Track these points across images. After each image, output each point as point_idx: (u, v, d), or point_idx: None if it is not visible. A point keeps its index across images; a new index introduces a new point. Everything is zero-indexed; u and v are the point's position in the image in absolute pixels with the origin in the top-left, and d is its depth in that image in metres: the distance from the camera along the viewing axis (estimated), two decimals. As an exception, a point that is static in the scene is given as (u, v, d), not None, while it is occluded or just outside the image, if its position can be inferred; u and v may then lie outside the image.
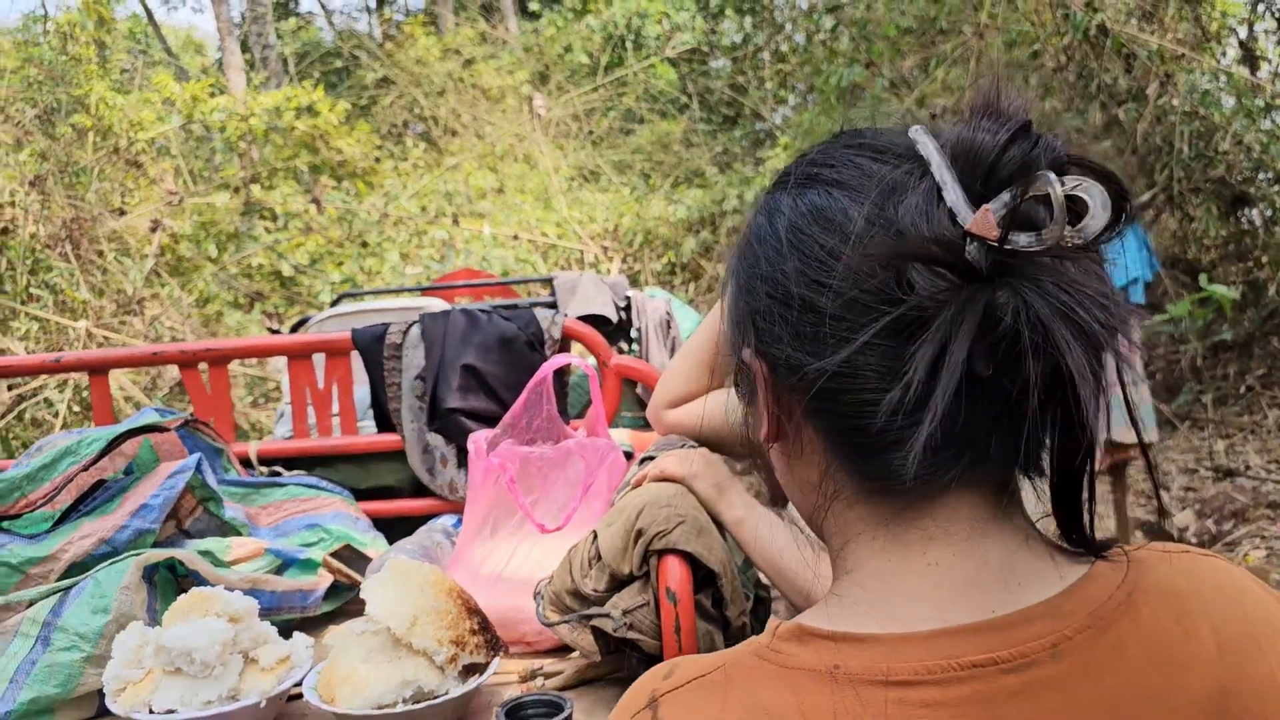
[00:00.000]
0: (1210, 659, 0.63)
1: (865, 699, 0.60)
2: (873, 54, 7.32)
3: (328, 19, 19.45)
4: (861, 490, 0.67)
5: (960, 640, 0.61)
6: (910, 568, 0.65)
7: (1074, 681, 0.60)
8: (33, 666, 1.51)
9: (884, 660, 0.61)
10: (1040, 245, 0.59)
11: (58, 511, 1.75)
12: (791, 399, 0.69)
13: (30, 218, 6.67)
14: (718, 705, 0.62)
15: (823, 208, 0.67)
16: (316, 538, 1.97)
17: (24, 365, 2.24)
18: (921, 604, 0.64)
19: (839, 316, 0.63)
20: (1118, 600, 0.64)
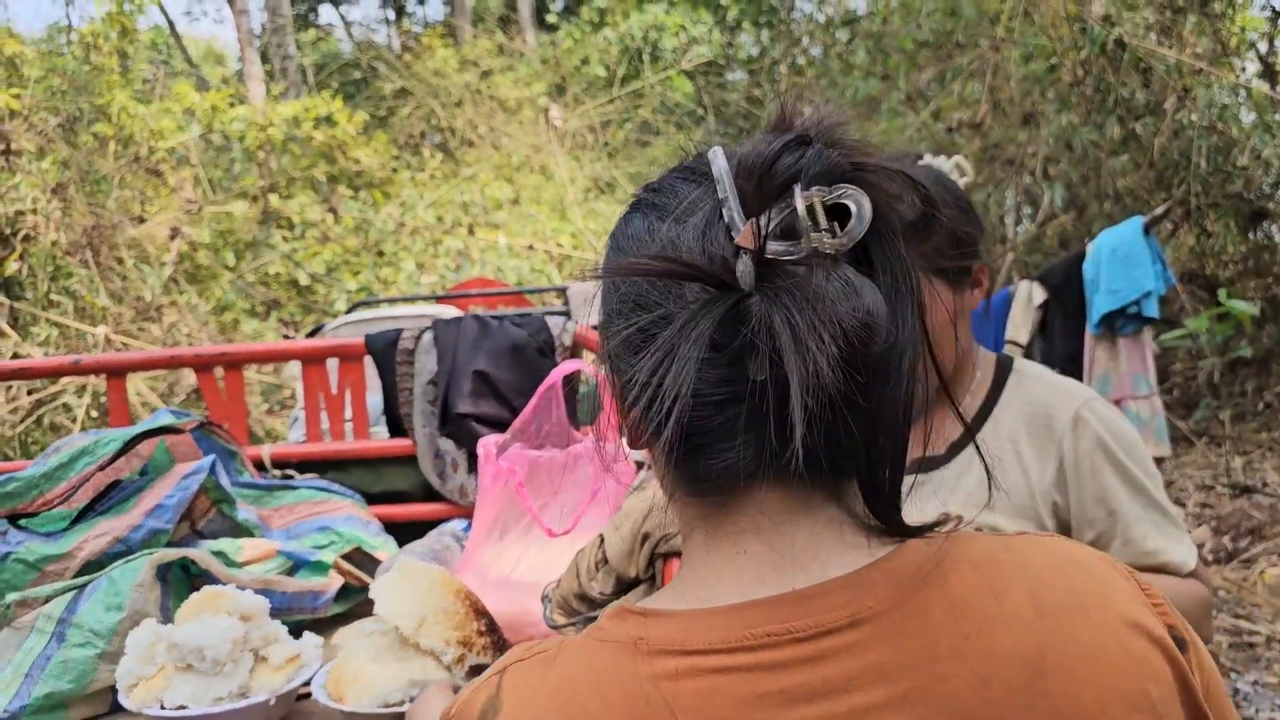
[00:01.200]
0: (1025, 620, 0.64)
1: (658, 665, 0.63)
2: (888, 67, 7.33)
3: (347, 30, 19.62)
4: (687, 491, 0.71)
5: (756, 612, 0.64)
6: (723, 557, 0.68)
7: (870, 646, 0.62)
8: (47, 662, 1.53)
9: (683, 632, 0.64)
10: (795, 254, 0.62)
11: (74, 510, 1.77)
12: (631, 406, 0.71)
13: (52, 225, 6.75)
14: (540, 677, 0.67)
15: (636, 232, 0.72)
16: (328, 540, 1.98)
17: (44, 368, 2.27)
18: (726, 585, 0.67)
19: (625, 316, 0.69)
20: (925, 570, 0.65)
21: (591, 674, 0.65)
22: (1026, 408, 1.42)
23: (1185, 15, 6.57)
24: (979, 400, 1.46)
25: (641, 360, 0.65)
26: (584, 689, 0.65)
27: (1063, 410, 1.39)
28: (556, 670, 0.67)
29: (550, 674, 0.67)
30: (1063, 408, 1.40)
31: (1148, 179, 6.77)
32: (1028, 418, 1.41)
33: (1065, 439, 1.38)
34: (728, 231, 0.65)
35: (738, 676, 0.62)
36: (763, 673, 0.62)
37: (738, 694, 0.62)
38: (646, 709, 0.62)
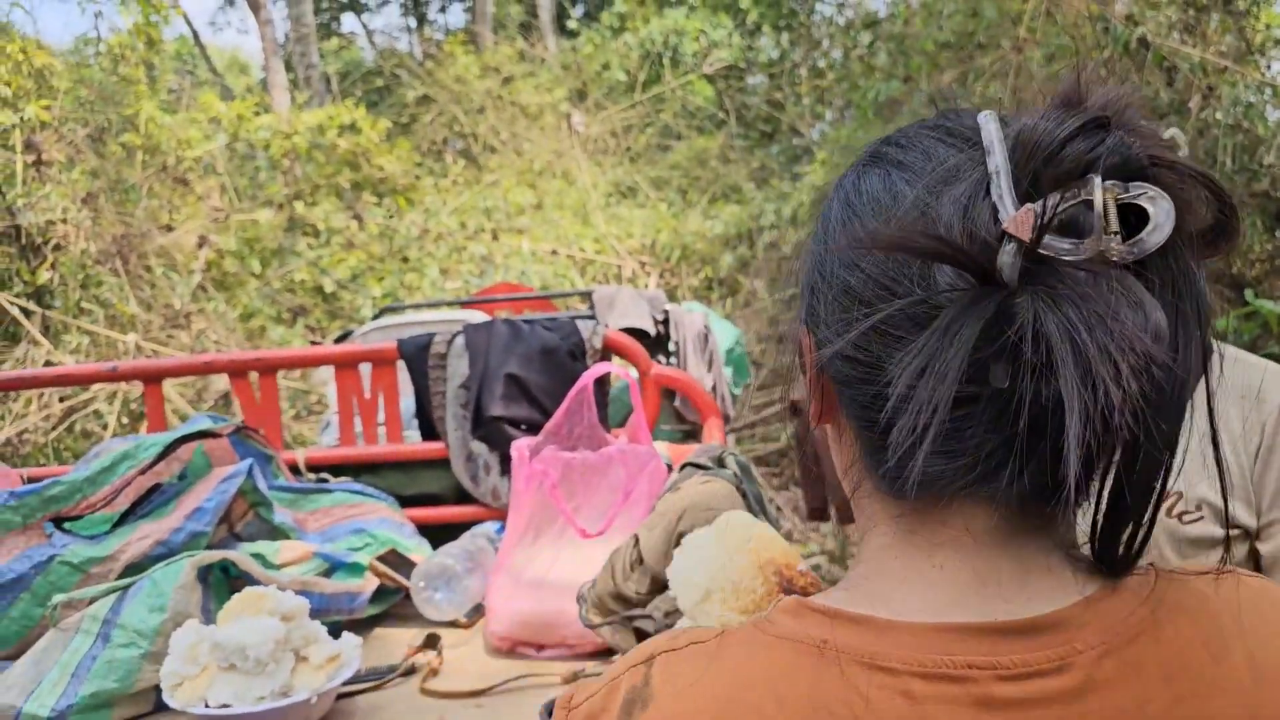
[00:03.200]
0: (1242, 686, 0.59)
1: (849, 677, 0.58)
2: (910, 69, 7.32)
3: (369, 39, 19.76)
4: (879, 486, 0.65)
5: (955, 639, 0.58)
6: (913, 567, 0.63)
7: (1079, 698, 0.57)
8: (93, 662, 1.56)
9: (873, 643, 0.59)
10: (1076, 255, 0.54)
11: (116, 514, 1.80)
12: (826, 380, 0.66)
13: (82, 234, 6.84)
14: (701, 669, 0.62)
15: (876, 188, 0.64)
16: (363, 543, 2.01)
17: (81, 374, 2.31)
18: (917, 600, 0.62)
19: (866, 300, 0.61)
20: (1139, 616, 0.60)
21: (766, 673, 0.60)
22: (1236, 388, 1.40)
23: (1209, 13, 6.52)
24: None
25: (897, 360, 0.57)
26: (757, 689, 0.59)
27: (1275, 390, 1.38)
28: (721, 664, 0.62)
29: (713, 667, 0.62)
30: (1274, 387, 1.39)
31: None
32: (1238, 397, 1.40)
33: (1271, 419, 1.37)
34: (994, 212, 0.56)
35: (936, 706, 0.57)
36: (964, 708, 0.56)
37: (936, 714, 0.57)
38: (829, 714, 0.57)
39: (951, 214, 0.57)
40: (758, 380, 7.68)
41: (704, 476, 1.59)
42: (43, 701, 1.51)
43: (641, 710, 0.61)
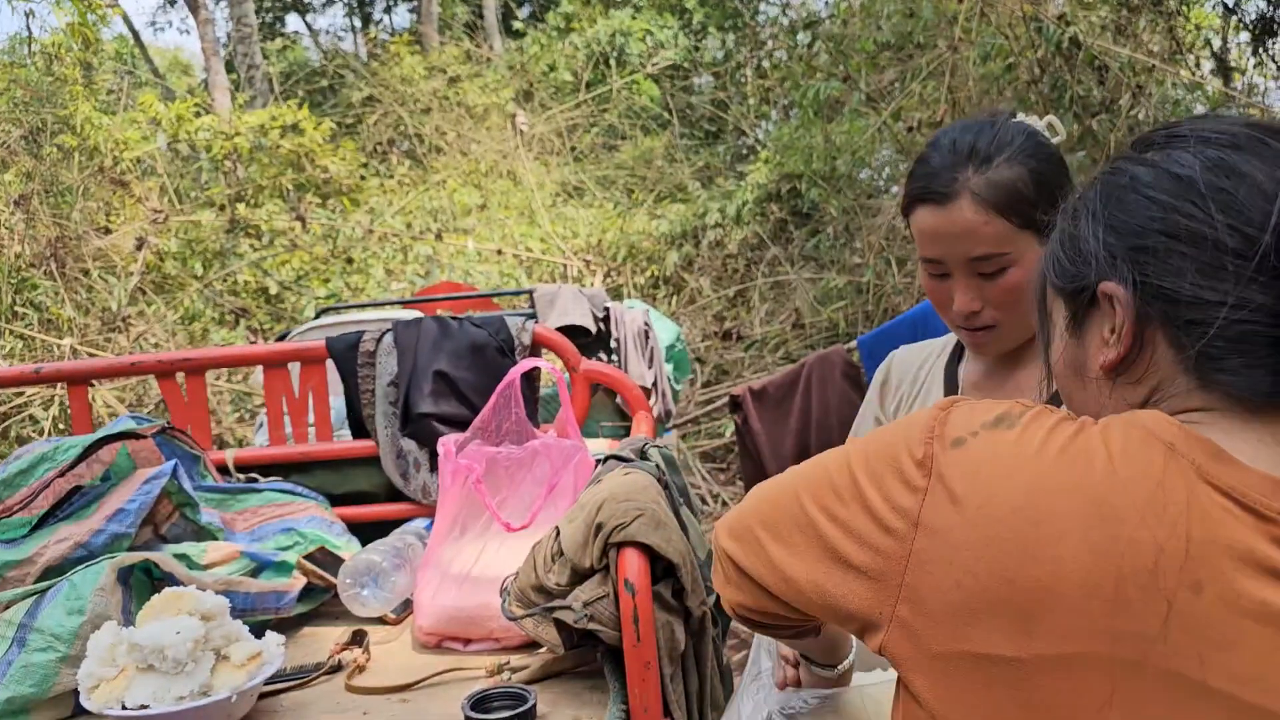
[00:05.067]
0: None
1: (1185, 476, 0.72)
2: (850, 69, 7.41)
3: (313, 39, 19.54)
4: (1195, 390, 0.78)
5: (1269, 486, 0.72)
6: (1243, 437, 0.76)
7: None
8: (8, 667, 1.54)
9: (1209, 462, 0.73)
10: None
11: (35, 517, 1.78)
12: (1151, 325, 0.79)
13: (15, 237, 6.70)
14: (1072, 428, 0.76)
15: (1231, 164, 0.76)
16: (291, 541, 2.00)
17: (4, 377, 2.27)
18: (1249, 453, 0.74)
19: (1244, 255, 0.74)
20: None
21: (1126, 450, 0.73)
22: None
23: (1140, 13, 6.67)
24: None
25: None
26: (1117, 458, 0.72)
27: None
28: (1086, 432, 0.75)
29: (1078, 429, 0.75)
30: None
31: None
32: None
33: None
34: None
35: (1243, 527, 0.69)
36: (1260, 539, 0.69)
37: (1240, 536, 0.69)
38: (1160, 490, 0.70)
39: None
40: (702, 377, 7.72)
41: (625, 468, 1.60)
42: (-43, 707, 1.49)
43: (1003, 425, 0.76)
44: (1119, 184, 0.82)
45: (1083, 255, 0.83)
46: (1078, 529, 0.69)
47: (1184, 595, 0.68)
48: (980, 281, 1.39)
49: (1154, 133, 0.85)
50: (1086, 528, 0.69)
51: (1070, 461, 0.73)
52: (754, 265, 8.91)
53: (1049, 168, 1.39)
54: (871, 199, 8.22)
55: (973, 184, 1.35)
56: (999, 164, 1.36)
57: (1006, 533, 0.71)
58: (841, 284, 7.71)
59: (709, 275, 8.93)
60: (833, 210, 8.26)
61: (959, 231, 1.36)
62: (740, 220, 9.12)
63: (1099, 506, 0.70)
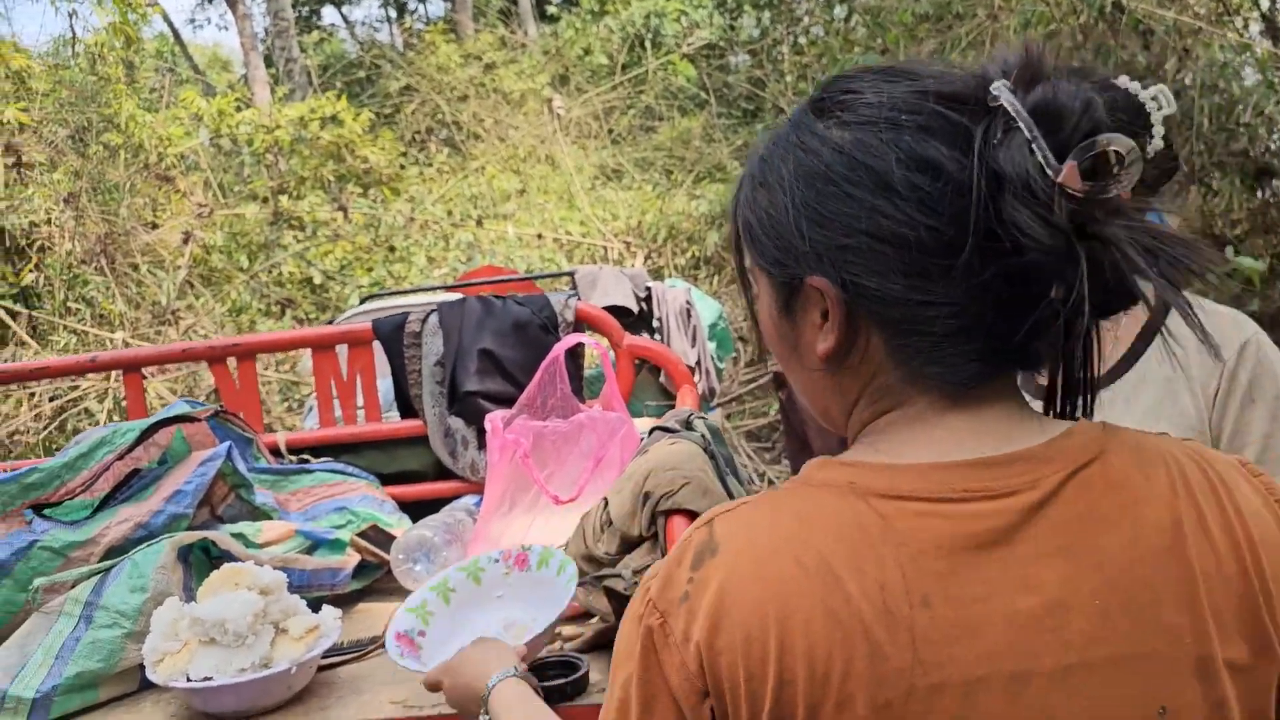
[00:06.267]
0: (1167, 498, 0.77)
1: (873, 505, 0.75)
2: (888, 41, 7.32)
3: (350, 30, 19.68)
4: (907, 382, 0.80)
5: (954, 472, 0.76)
6: (924, 429, 0.80)
7: (1044, 506, 0.75)
8: (76, 643, 1.58)
9: (889, 481, 0.76)
10: (1113, 191, 0.72)
11: (96, 499, 1.83)
12: (862, 320, 0.80)
13: (66, 234, 6.83)
14: (769, 514, 0.78)
15: (923, 155, 0.76)
16: (344, 520, 2.04)
17: (62, 366, 2.33)
18: (923, 449, 0.78)
19: (941, 254, 0.75)
20: (1092, 451, 0.78)
21: (812, 509, 0.76)
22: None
23: (1186, -26, 6.53)
24: (1139, 323, 1.48)
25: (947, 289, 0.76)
26: (807, 522, 0.75)
27: (1232, 337, 1.42)
28: (776, 511, 0.78)
29: (769, 514, 0.78)
30: (1232, 334, 1.42)
31: (1153, 141, 6.72)
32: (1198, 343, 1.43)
33: (1229, 363, 1.40)
34: (1041, 170, 0.72)
35: (940, 520, 0.74)
36: (961, 520, 0.74)
37: (942, 531, 0.74)
38: (860, 538, 0.73)
39: (1014, 171, 0.72)
40: (745, 356, 7.70)
41: (671, 439, 1.61)
42: (28, 683, 1.54)
43: (711, 556, 0.76)
44: (814, 170, 0.80)
45: (788, 246, 0.81)
46: (808, 606, 0.72)
47: (920, 616, 0.72)
48: None
49: (829, 93, 0.82)
50: (822, 602, 0.72)
51: (775, 553, 0.74)
52: (795, 243, 8.84)
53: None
54: (912, 171, 8.13)
55: None
56: None
57: (765, 649, 0.72)
58: (884, 258, 7.64)
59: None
60: (872, 184, 8.17)
61: None
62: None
63: (823, 576, 0.72)
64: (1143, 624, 0.74)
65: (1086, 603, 0.73)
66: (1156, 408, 1.41)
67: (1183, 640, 0.74)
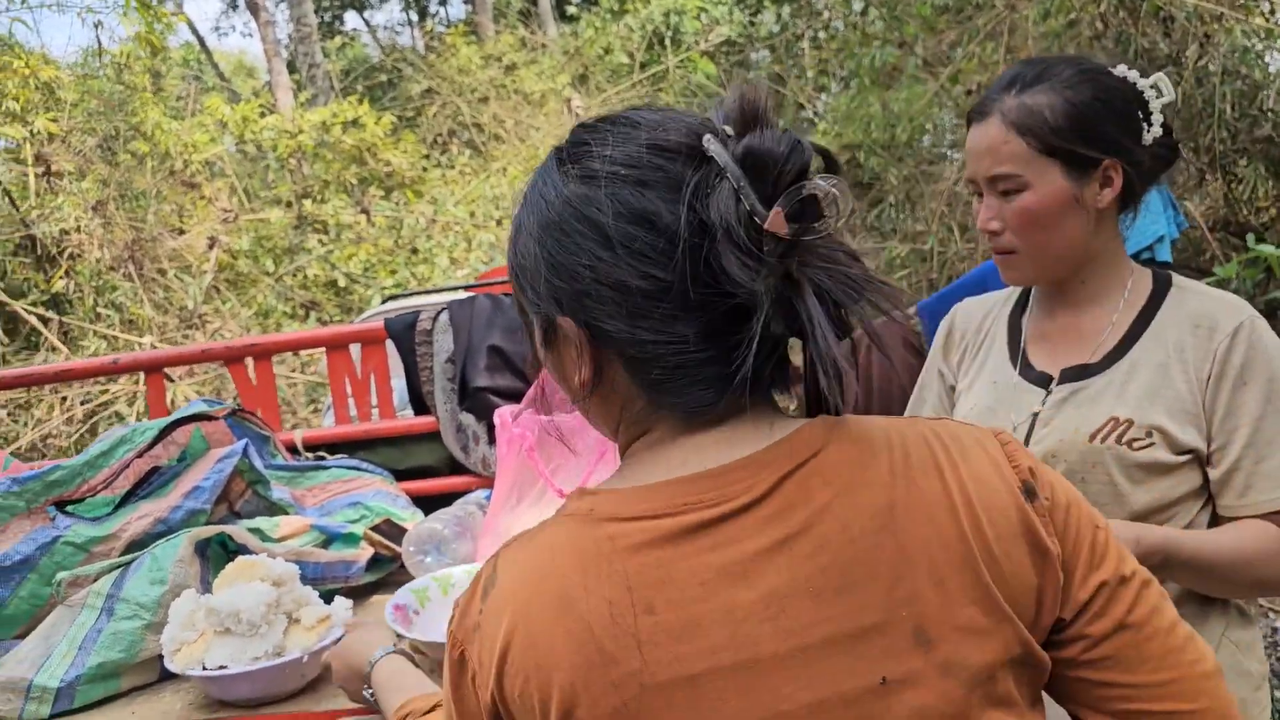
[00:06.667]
0: (882, 482, 0.82)
1: (604, 529, 0.81)
2: (905, 34, 7.31)
3: (372, 35, 19.82)
4: (651, 410, 0.87)
5: (675, 488, 0.82)
6: (662, 451, 0.86)
7: (761, 503, 0.81)
8: (99, 635, 1.64)
9: (621, 504, 0.82)
10: (817, 234, 0.78)
11: (118, 496, 1.88)
12: (608, 355, 0.86)
13: (95, 241, 6.96)
14: (523, 550, 0.85)
15: (640, 208, 0.82)
16: (359, 515, 2.08)
17: (85, 369, 2.39)
18: (659, 470, 0.84)
19: (664, 298, 0.81)
20: (813, 446, 0.83)
21: (559, 540, 0.83)
22: (1191, 317, 1.44)
23: (1205, -40, 6.46)
24: (1136, 309, 1.48)
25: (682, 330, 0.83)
26: (555, 552, 0.82)
27: (1227, 320, 1.42)
28: (535, 542, 0.85)
29: (530, 545, 0.85)
30: (1228, 317, 1.42)
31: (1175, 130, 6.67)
32: (1193, 326, 1.44)
33: (1222, 346, 1.41)
34: (749, 216, 0.78)
35: (649, 537, 0.80)
36: (666, 535, 0.80)
37: (652, 549, 0.80)
38: (590, 562, 0.80)
39: (724, 222, 0.78)
40: (767, 352, 7.69)
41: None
42: (52, 673, 1.59)
43: (492, 588, 0.84)
44: (549, 220, 0.86)
45: (537, 289, 0.87)
46: (557, 629, 0.79)
47: (644, 622, 0.78)
48: (1000, 202, 1.44)
49: (570, 143, 0.89)
50: (561, 622, 0.79)
51: (528, 585, 0.81)
52: (815, 238, 8.84)
53: (1091, 105, 1.40)
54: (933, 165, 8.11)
55: (1005, 105, 1.42)
56: (1035, 91, 1.41)
57: (530, 673, 0.79)
58: (905, 253, 7.63)
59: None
60: (892, 179, 8.17)
61: (984, 148, 1.43)
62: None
63: (561, 601, 0.79)
64: (857, 603, 0.79)
65: (802, 590, 0.79)
66: (1151, 391, 1.43)
67: (898, 614, 0.79)
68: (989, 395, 1.56)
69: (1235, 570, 1.36)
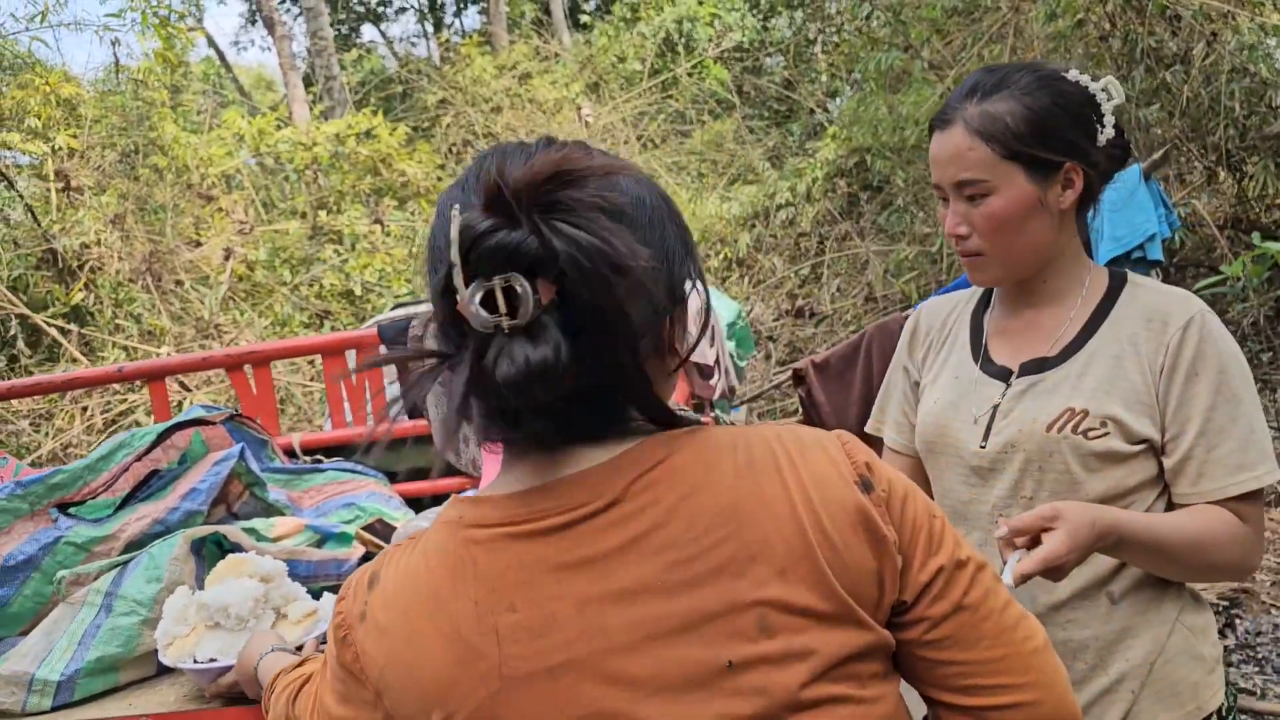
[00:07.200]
0: (727, 483, 0.87)
1: (465, 535, 0.89)
2: (910, 37, 7.34)
3: (388, 47, 19.99)
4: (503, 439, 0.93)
5: (526, 498, 0.89)
6: (511, 469, 0.92)
7: (609, 509, 0.86)
8: (98, 630, 1.71)
9: (481, 512, 0.90)
10: (486, 328, 0.81)
11: (118, 498, 1.96)
12: None
13: (114, 254, 7.09)
14: (409, 551, 0.94)
15: (436, 228, 0.89)
16: (352, 515, 2.15)
17: (92, 377, 2.47)
18: (513, 483, 0.91)
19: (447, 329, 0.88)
20: (658, 456, 0.88)
21: (432, 545, 0.92)
22: (1144, 312, 1.49)
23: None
24: (1092, 305, 1.53)
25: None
26: (428, 555, 0.91)
27: (1179, 314, 1.46)
28: (413, 548, 0.94)
29: (410, 549, 0.94)
30: (1179, 311, 1.47)
31: (1184, 128, 6.66)
32: (1146, 321, 1.48)
33: (1174, 339, 1.45)
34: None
35: (517, 540, 0.88)
36: (525, 539, 0.87)
37: (520, 547, 0.87)
38: (458, 565, 0.89)
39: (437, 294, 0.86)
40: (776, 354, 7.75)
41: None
42: (53, 667, 1.66)
43: (375, 585, 0.93)
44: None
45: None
46: (429, 627, 0.87)
47: (505, 619, 0.85)
48: (967, 207, 1.48)
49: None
50: (432, 621, 0.87)
51: (404, 586, 0.91)
52: (825, 241, 8.89)
53: (1050, 110, 1.45)
54: (941, 168, 8.11)
55: (968, 113, 1.46)
56: (996, 99, 1.45)
57: (404, 664, 0.88)
58: (913, 254, 7.65)
59: (781, 254, 8.94)
60: (900, 181, 8.19)
61: (949, 155, 1.47)
62: (811, 198, 9.10)
63: (433, 601, 0.88)
64: (703, 594, 0.84)
65: (651, 583, 0.85)
66: (1108, 383, 1.47)
67: (742, 602, 0.84)
68: (952, 390, 1.60)
69: (1188, 553, 1.40)
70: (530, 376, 0.81)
